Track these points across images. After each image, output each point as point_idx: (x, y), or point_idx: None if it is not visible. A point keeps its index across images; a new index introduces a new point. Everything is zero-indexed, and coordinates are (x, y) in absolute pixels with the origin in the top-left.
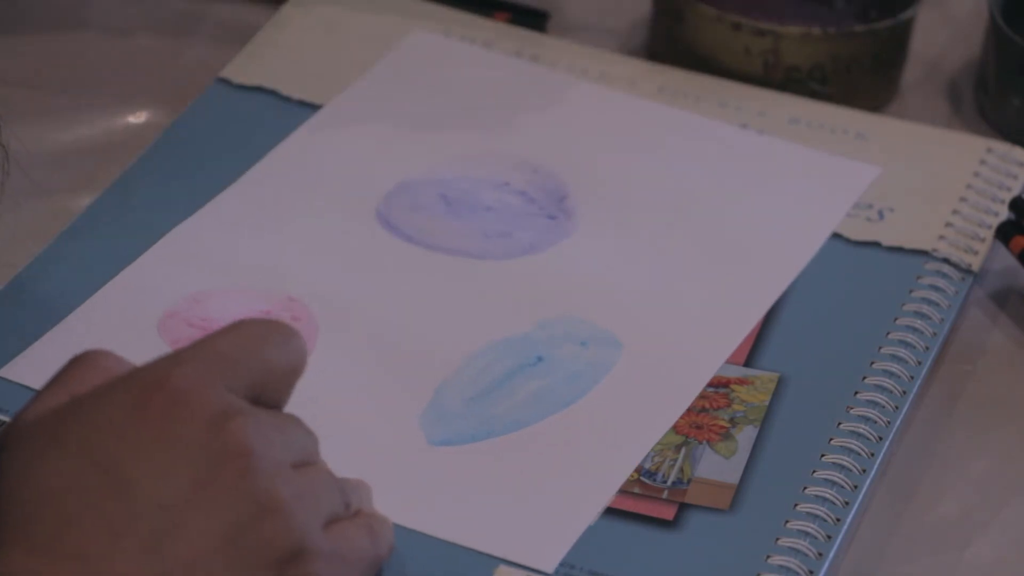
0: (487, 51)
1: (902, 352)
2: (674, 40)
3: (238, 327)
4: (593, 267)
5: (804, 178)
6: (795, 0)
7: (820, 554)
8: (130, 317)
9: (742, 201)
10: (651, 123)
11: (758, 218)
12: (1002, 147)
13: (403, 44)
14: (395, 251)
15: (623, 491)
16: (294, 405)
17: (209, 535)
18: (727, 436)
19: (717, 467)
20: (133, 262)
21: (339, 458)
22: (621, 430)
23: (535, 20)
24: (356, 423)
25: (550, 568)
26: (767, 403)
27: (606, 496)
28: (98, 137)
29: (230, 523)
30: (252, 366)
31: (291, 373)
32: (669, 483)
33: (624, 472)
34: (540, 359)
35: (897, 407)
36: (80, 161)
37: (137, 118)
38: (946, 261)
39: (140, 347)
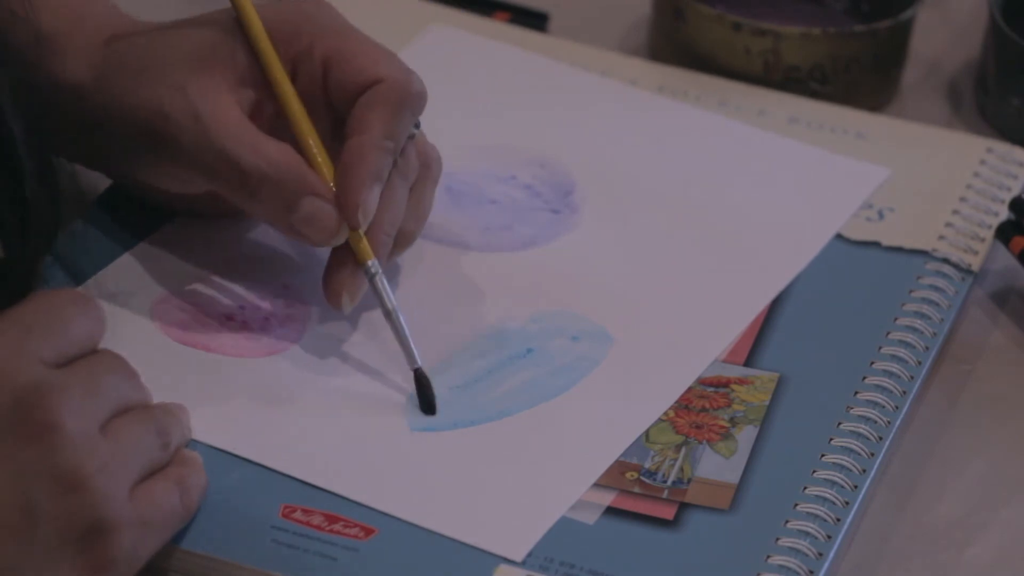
0: (502, 45)
1: (902, 352)
2: (674, 40)
3: (38, 299)
4: (593, 262)
5: (811, 178)
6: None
7: (820, 554)
8: (124, 302)
9: (748, 199)
10: (663, 119)
11: (763, 217)
12: (1002, 147)
13: (421, 37)
14: None
15: (623, 491)
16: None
17: (8, 511)
18: (727, 436)
19: (717, 467)
20: (131, 248)
21: (323, 440)
22: (602, 424)
23: (535, 20)
24: (343, 407)
25: (518, 557)
26: (767, 403)
27: (579, 489)
28: None
29: (30, 499)
30: (55, 334)
31: (90, 340)
32: (669, 483)
33: (600, 467)
34: (530, 351)
35: (897, 407)
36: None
37: None
38: (946, 261)
39: (133, 331)
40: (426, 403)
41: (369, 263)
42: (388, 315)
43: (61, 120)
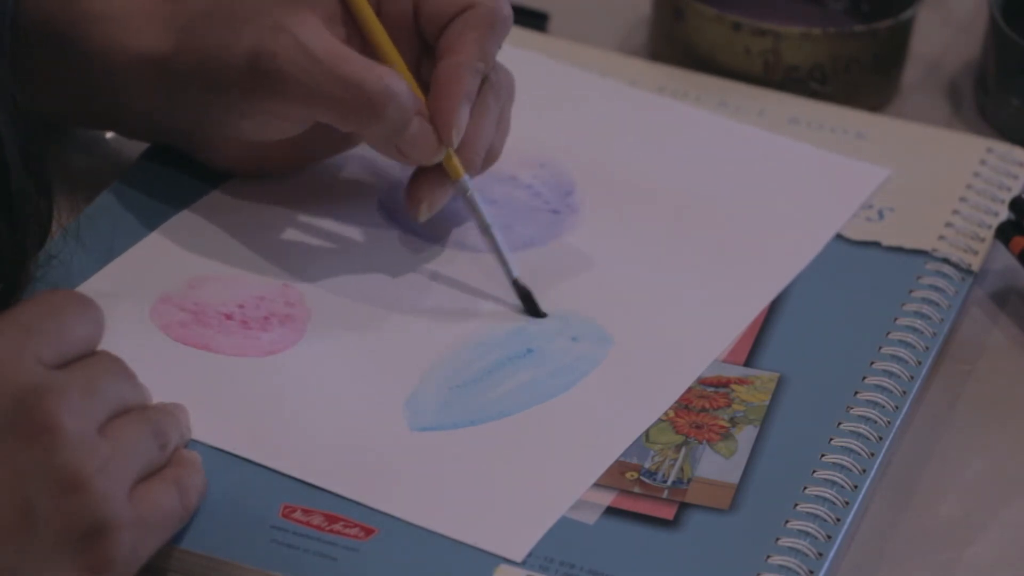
0: (504, 46)
1: (902, 352)
2: (674, 40)
3: (38, 299)
4: (592, 262)
5: (811, 178)
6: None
7: (820, 554)
8: (124, 302)
9: (748, 199)
10: (663, 119)
11: (762, 217)
12: (1002, 147)
13: None
14: (394, 241)
15: (623, 491)
16: (282, 392)
17: (7, 512)
18: (727, 436)
19: (717, 467)
20: (130, 248)
21: (323, 440)
22: (602, 424)
23: (535, 20)
24: (343, 406)
25: (518, 557)
26: (767, 403)
27: (579, 489)
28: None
29: (29, 500)
30: (54, 335)
31: (89, 341)
32: (669, 483)
33: (600, 467)
34: (529, 351)
35: (897, 407)
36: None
37: None
38: (946, 261)
39: (132, 331)
40: (533, 309)
41: (464, 179)
42: (484, 230)
43: (136, 95)
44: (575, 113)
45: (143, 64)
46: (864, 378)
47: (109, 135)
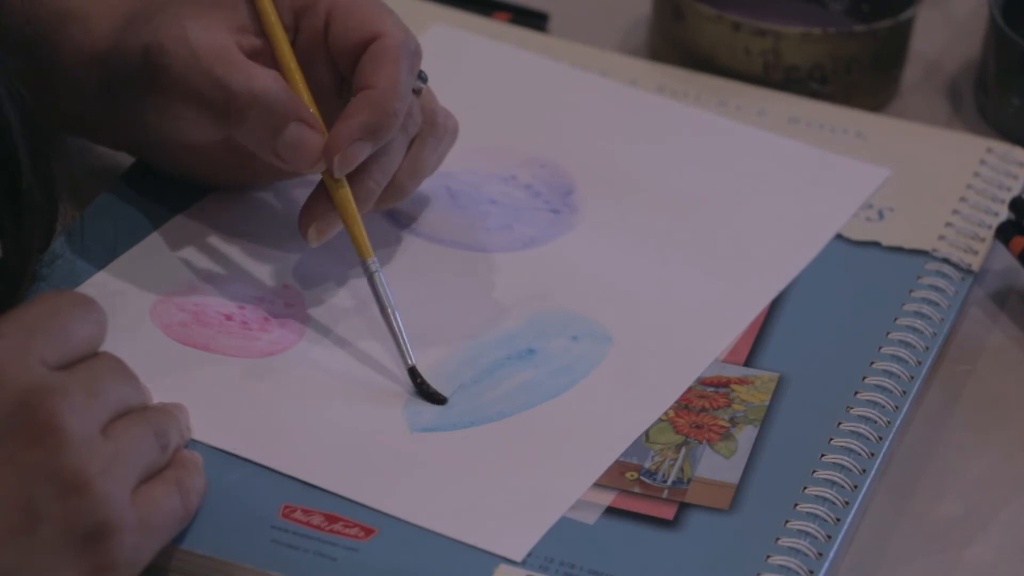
0: (502, 45)
1: (902, 352)
2: (674, 40)
3: (40, 301)
4: (592, 262)
5: (811, 178)
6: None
7: (820, 554)
8: (124, 302)
9: (748, 199)
10: (663, 119)
11: (762, 217)
12: (1002, 147)
13: (422, 38)
14: (394, 241)
15: (623, 491)
16: (282, 392)
17: (10, 512)
18: (727, 436)
19: (717, 467)
20: (131, 248)
21: (323, 440)
22: (602, 424)
23: (535, 20)
24: (343, 407)
25: (518, 557)
26: (767, 403)
27: (579, 489)
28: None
29: (32, 501)
30: (57, 336)
31: (91, 342)
32: (669, 483)
33: (600, 467)
34: (530, 351)
35: (897, 407)
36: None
37: None
38: (946, 261)
39: (133, 331)
40: (429, 397)
41: (368, 260)
42: (383, 311)
43: (90, 97)
44: (575, 113)
45: (92, 62)
46: (864, 378)
47: None
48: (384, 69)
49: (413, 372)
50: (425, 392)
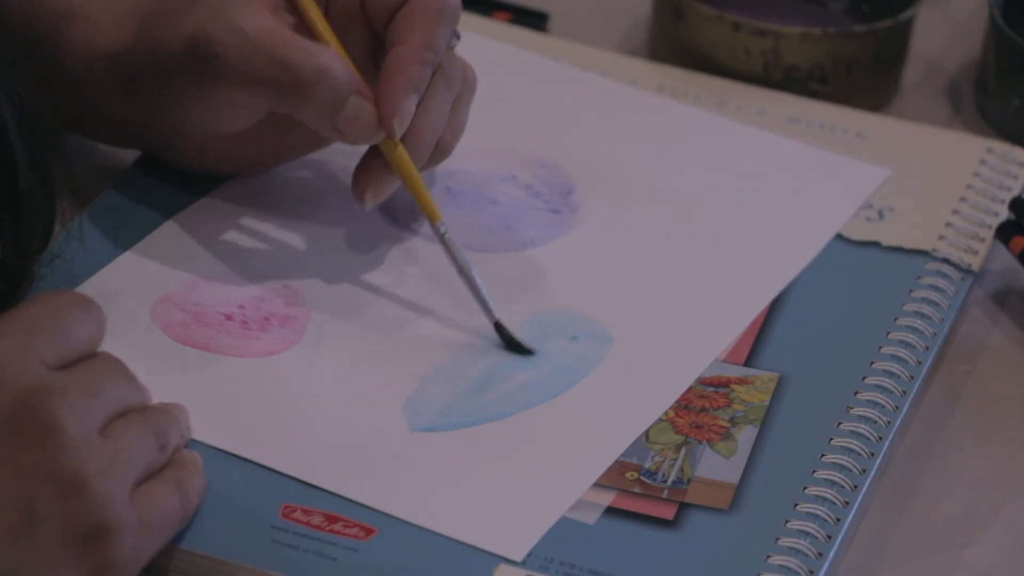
0: (502, 45)
1: (902, 352)
2: (674, 40)
3: (40, 300)
4: (592, 262)
5: (811, 178)
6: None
7: (820, 554)
8: (124, 302)
9: (748, 199)
10: (663, 119)
11: (762, 217)
12: (1002, 147)
13: None
14: (394, 241)
15: (623, 491)
16: (282, 392)
17: (9, 512)
18: (727, 436)
19: (717, 467)
20: (131, 247)
21: (323, 440)
22: (602, 424)
23: (535, 20)
24: (343, 407)
25: (518, 557)
26: (767, 403)
27: (579, 489)
28: None
29: (31, 501)
30: (56, 336)
31: (90, 342)
32: (669, 483)
33: (600, 467)
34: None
35: (897, 407)
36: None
37: None
38: (946, 261)
39: (133, 331)
40: (517, 348)
41: (438, 223)
42: (460, 272)
43: (98, 95)
44: (575, 113)
45: (100, 61)
46: (864, 378)
47: None
48: (418, 25)
49: (499, 327)
50: (513, 344)
